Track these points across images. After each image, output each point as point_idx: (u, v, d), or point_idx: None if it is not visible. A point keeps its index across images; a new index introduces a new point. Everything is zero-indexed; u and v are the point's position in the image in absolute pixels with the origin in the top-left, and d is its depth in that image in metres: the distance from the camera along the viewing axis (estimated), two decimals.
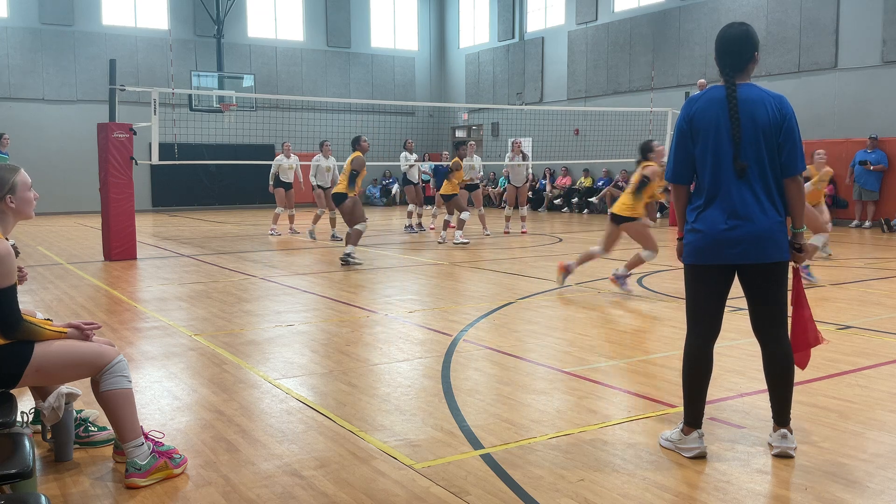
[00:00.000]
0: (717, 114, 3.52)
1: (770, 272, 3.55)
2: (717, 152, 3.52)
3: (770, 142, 3.49)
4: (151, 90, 12.22)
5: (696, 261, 3.59)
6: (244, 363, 5.43)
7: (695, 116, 3.58)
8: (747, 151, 3.48)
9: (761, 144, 3.48)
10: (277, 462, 3.61)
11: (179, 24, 25.12)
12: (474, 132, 28.86)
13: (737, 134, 3.47)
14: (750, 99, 3.50)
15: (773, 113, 3.48)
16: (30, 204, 3.38)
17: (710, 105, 3.55)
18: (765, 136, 3.48)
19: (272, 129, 23.72)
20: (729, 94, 3.50)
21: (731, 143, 3.49)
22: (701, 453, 3.58)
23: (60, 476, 3.50)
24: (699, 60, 20.18)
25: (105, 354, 3.36)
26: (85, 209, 23.04)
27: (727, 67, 3.55)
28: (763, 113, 3.48)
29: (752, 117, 3.48)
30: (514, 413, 4.28)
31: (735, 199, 3.49)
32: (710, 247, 3.53)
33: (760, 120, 3.47)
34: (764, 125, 3.47)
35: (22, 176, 3.35)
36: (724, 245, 3.50)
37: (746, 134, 3.48)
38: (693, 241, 3.58)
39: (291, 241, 14.74)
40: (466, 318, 6.95)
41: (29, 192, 3.37)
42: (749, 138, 3.48)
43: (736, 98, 3.49)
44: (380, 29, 29.03)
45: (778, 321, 3.63)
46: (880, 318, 6.83)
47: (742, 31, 3.56)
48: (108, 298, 8.26)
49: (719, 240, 3.50)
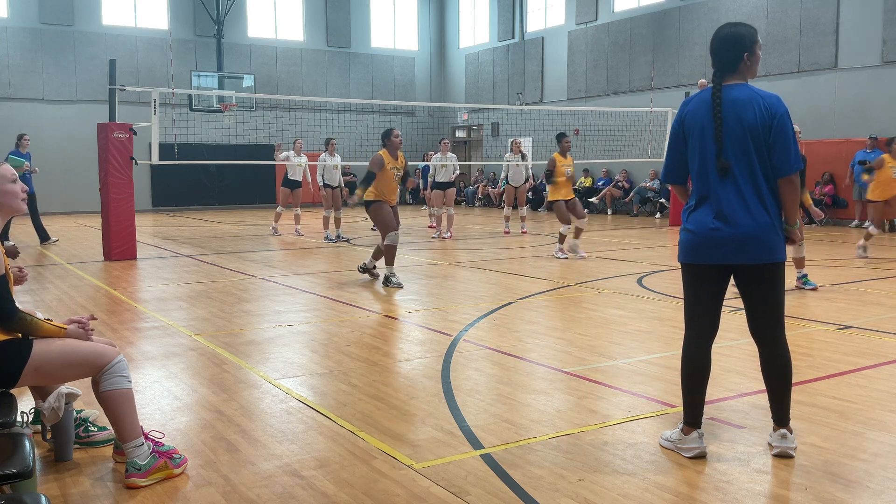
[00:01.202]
0: (703, 115, 3.54)
1: (761, 273, 3.54)
2: (703, 153, 3.54)
3: (759, 142, 3.46)
4: (151, 90, 12.22)
5: (690, 260, 3.62)
6: (244, 363, 5.43)
7: (686, 118, 3.61)
8: (733, 151, 3.47)
9: (749, 145, 3.46)
10: (277, 462, 3.61)
11: (179, 24, 25.12)
12: (474, 132, 28.88)
13: (719, 133, 3.47)
14: (738, 99, 3.49)
15: (762, 112, 3.46)
16: (14, 196, 3.31)
17: (699, 106, 3.57)
18: (752, 136, 3.46)
19: (272, 129, 23.71)
20: (714, 94, 3.51)
21: (714, 144, 3.50)
22: (701, 453, 3.58)
23: (60, 476, 3.50)
24: (699, 60, 20.18)
25: (105, 354, 3.36)
26: (85, 209, 23.05)
27: (714, 68, 3.59)
28: (751, 113, 3.46)
29: (738, 117, 3.47)
30: (514, 413, 4.28)
31: (721, 200, 3.50)
32: (700, 247, 3.56)
33: (748, 120, 3.46)
34: (751, 125, 3.45)
35: (2, 169, 3.29)
36: (712, 246, 3.52)
37: (732, 134, 3.47)
38: (686, 240, 3.62)
39: (293, 241, 14.73)
40: (466, 318, 6.95)
41: (11, 184, 3.30)
42: (735, 138, 3.47)
43: (720, 98, 3.49)
44: (380, 29, 29.04)
45: (774, 322, 3.62)
46: (880, 318, 6.83)
47: (730, 31, 3.56)
48: (108, 298, 8.26)
49: (708, 240, 3.53)
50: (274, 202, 26.80)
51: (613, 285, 8.78)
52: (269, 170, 26.14)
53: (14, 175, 3.33)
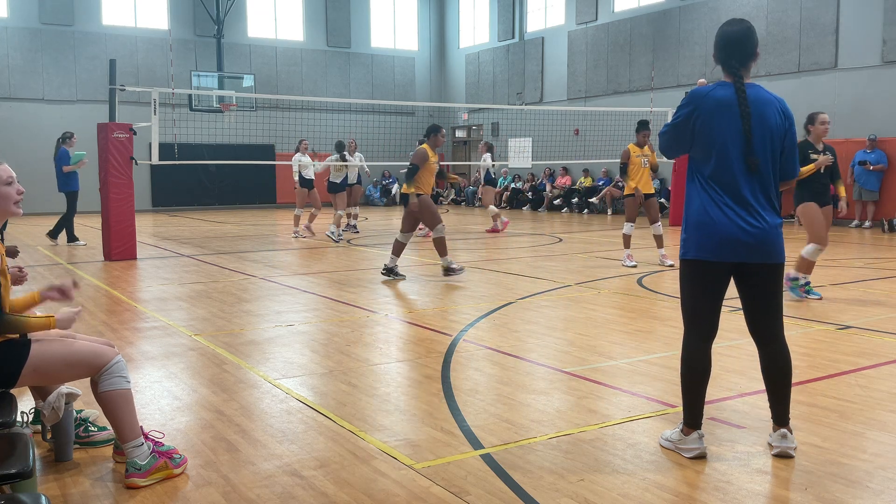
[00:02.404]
0: (726, 110, 3.47)
1: (767, 273, 3.55)
2: (724, 149, 3.47)
3: (776, 145, 3.51)
4: (151, 90, 12.23)
5: (703, 256, 3.53)
6: (244, 363, 5.43)
7: (702, 113, 3.50)
8: (758, 150, 3.47)
9: (768, 146, 3.49)
10: (277, 462, 3.61)
11: (179, 24, 25.12)
12: (474, 132, 28.87)
13: (747, 129, 3.45)
14: (759, 99, 3.50)
15: (780, 116, 3.52)
16: (7, 199, 3.20)
17: (720, 104, 3.49)
18: (772, 138, 3.49)
19: (272, 129, 23.72)
20: (738, 90, 3.48)
21: (742, 140, 3.45)
22: (701, 454, 3.58)
23: (60, 476, 3.50)
24: (699, 60, 20.18)
25: (104, 355, 3.36)
26: (85, 209, 23.01)
27: (735, 63, 3.51)
28: (773, 115, 3.50)
29: (762, 117, 3.47)
30: (514, 413, 4.28)
31: (739, 198, 3.48)
32: (712, 244, 3.50)
33: (770, 121, 3.48)
34: (773, 127, 3.49)
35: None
36: (734, 243, 3.48)
37: (756, 132, 3.47)
38: (696, 237, 3.54)
39: (293, 241, 14.72)
40: (466, 318, 6.95)
41: (5, 186, 3.19)
42: (759, 137, 3.48)
43: (745, 94, 3.48)
44: (380, 29, 29.03)
45: (775, 322, 3.62)
46: (880, 318, 6.83)
47: (745, 27, 3.56)
48: (108, 298, 8.26)
49: (722, 237, 3.48)
50: (274, 202, 26.86)
51: (613, 285, 8.78)
52: (269, 170, 26.14)
53: (10, 177, 3.22)
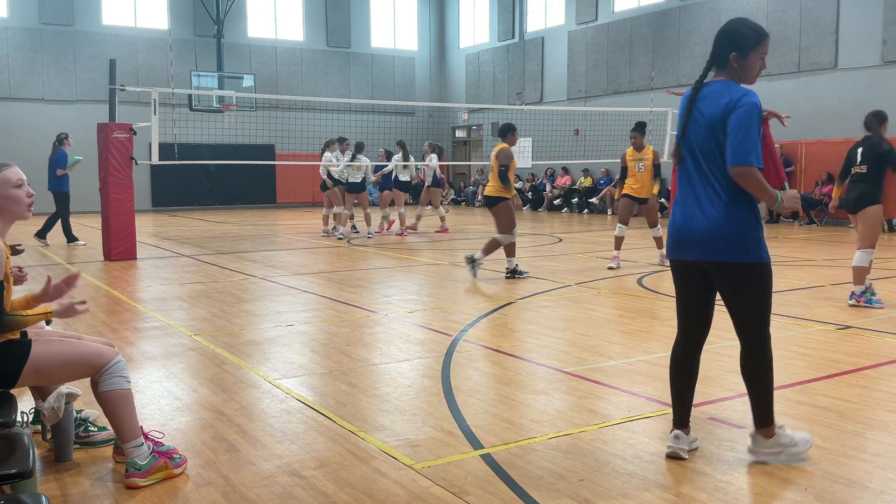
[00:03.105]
0: (682, 108, 3.54)
1: (728, 272, 3.42)
2: (678, 146, 3.56)
3: (718, 136, 3.37)
4: (151, 90, 12.22)
5: (668, 255, 3.65)
6: (244, 363, 5.43)
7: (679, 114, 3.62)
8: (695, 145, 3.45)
9: (710, 139, 3.40)
10: (277, 462, 3.61)
11: (179, 24, 25.12)
12: (474, 132, 28.88)
13: (683, 124, 3.48)
14: (708, 94, 3.46)
15: (723, 107, 3.35)
16: (18, 202, 3.15)
17: (682, 104, 3.58)
18: (713, 130, 3.38)
19: (272, 129, 23.73)
20: (693, 89, 3.52)
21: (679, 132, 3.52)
22: (672, 453, 3.54)
23: (60, 476, 3.50)
24: (699, 60, 20.16)
25: (104, 355, 3.36)
26: (85, 209, 23.04)
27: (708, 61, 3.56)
28: (712, 107, 3.40)
29: (702, 111, 3.44)
30: (514, 413, 4.28)
31: (684, 196, 3.52)
32: (671, 242, 3.59)
33: (708, 114, 3.41)
34: (711, 119, 3.39)
35: (6, 173, 3.13)
36: (677, 241, 3.54)
37: (696, 128, 3.45)
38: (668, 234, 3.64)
39: (295, 241, 14.72)
40: (466, 318, 6.95)
41: (15, 189, 3.14)
42: (698, 133, 3.44)
43: (697, 91, 3.49)
44: (380, 29, 29.04)
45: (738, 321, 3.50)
46: (880, 318, 6.83)
47: (731, 27, 3.50)
48: (108, 298, 8.26)
49: (673, 236, 3.57)
50: (274, 202, 26.85)
51: (613, 285, 8.78)
52: (269, 170, 26.14)
53: (21, 180, 3.17)
